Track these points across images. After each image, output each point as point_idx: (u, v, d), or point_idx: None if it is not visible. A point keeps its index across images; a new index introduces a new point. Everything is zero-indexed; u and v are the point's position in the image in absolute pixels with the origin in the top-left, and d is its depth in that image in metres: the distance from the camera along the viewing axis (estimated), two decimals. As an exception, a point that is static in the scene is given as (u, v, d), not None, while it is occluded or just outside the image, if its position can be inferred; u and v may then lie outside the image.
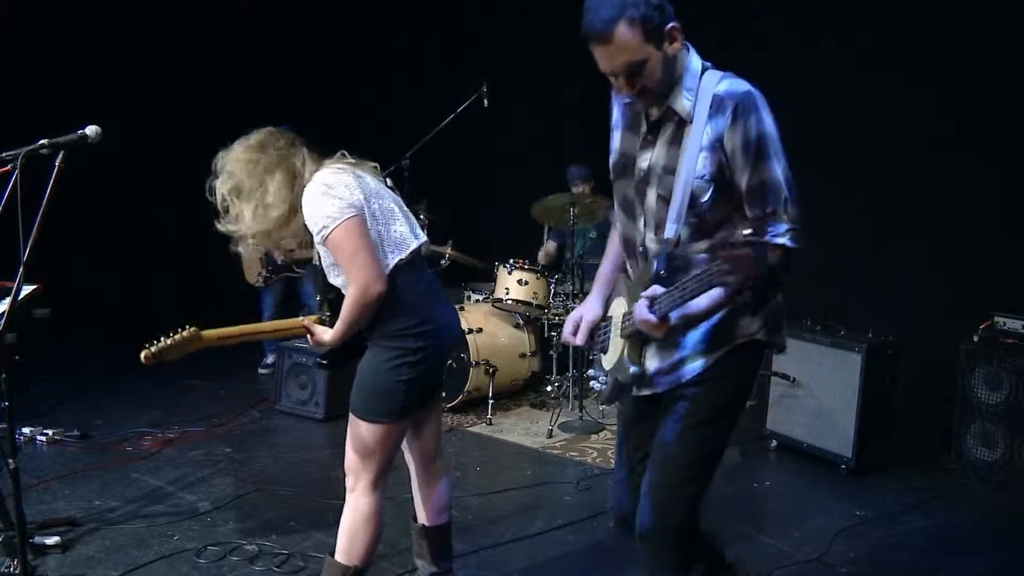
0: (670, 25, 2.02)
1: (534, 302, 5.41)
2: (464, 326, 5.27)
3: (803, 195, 2.09)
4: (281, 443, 4.78)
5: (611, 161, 2.36)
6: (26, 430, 4.67)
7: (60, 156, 2.66)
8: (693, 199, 2.07)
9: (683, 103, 2.08)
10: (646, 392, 2.27)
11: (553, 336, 5.60)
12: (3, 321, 2.64)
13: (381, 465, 2.63)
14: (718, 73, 2.11)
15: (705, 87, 2.07)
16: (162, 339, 2.37)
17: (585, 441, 4.87)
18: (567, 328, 2.41)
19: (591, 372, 5.54)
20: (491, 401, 5.25)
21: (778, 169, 2.05)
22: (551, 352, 5.64)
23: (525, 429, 5.10)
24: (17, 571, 2.63)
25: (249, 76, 7.52)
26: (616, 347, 2.26)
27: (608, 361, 2.32)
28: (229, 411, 5.27)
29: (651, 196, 2.17)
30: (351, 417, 2.63)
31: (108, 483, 4.11)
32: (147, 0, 6.80)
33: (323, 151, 2.68)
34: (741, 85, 2.08)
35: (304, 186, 2.56)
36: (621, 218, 2.33)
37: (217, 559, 3.31)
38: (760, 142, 2.03)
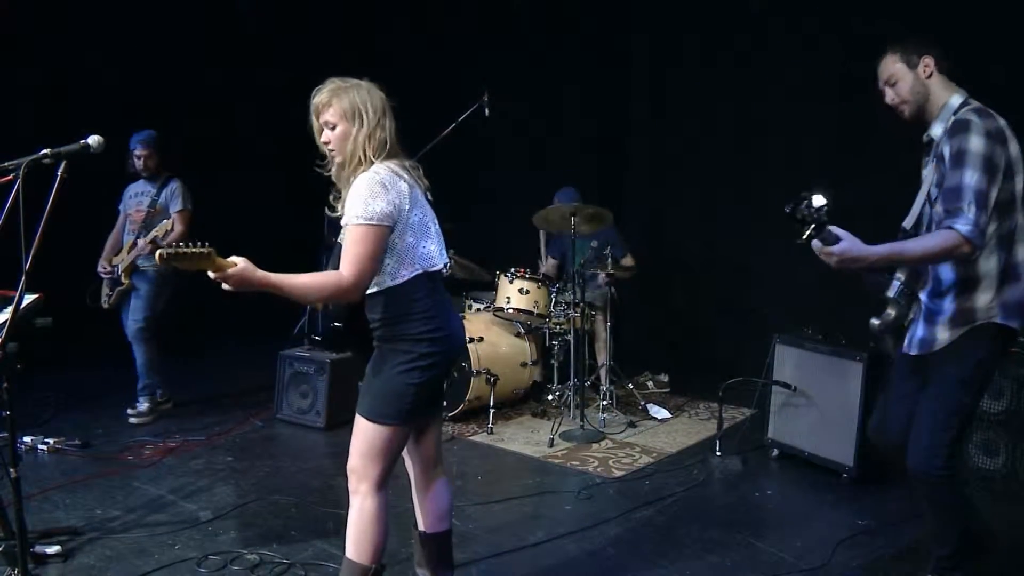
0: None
1: (535, 311, 5.42)
2: (465, 335, 5.28)
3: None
4: (282, 452, 4.78)
5: None
6: (27, 439, 4.67)
7: (62, 166, 2.67)
8: None
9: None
10: (914, 352, 2.88)
11: (554, 345, 5.60)
12: (5, 330, 2.65)
13: (385, 467, 2.66)
14: None
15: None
16: (181, 246, 2.37)
17: (586, 450, 4.86)
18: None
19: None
20: (492, 410, 5.24)
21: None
22: (552, 361, 5.64)
23: (526, 438, 5.10)
24: (18, 580, 2.62)
25: (249, 81, 7.54)
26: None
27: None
28: (230, 420, 5.28)
29: None
30: (358, 419, 2.65)
31: (109, 492, 4.11)
32: (146, 8, 6.82)
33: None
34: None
35: (371, 160, 2.64)
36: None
37: (218, 568, 3.31)
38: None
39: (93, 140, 2.94)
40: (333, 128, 2.64)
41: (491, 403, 5.25)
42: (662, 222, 6.90)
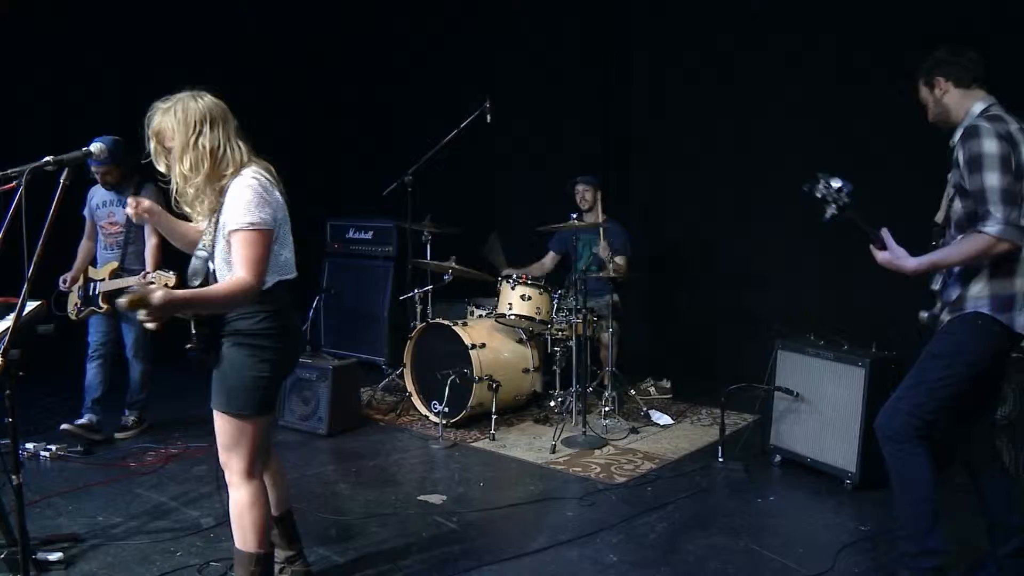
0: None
1: (537, 317, 5.42)
2: (467, 341, 5.28)
3: (807, 209, 2.12)
4: (284, 458, 4.75)
5: None
6: (30, 445, 4.68)
7: (65, 173, 2.67)
8: None
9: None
10: None
11: (556, 351, 5.60)
12: (7, 337, 2.65)
13: (250, 457, 2.80)
14: None
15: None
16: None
17: (588, 456, 4.86)
18: None
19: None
20: (494, 416, 5.24)
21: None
22: (554, 367, 5.64)
23: (528, 444, 5.09)
24: (20, 587, 2.62)
25: (249, 90, 7.55)
26: None
27: None
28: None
29: None
30: (215, 412, 2.79)
31: (111, 499, 4.11)
32: (147, 8, 6.84)
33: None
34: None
35: (237, 166, 2.76)
36: None
37: (220, 575, 3.30)
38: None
39: (96, 147, 2.95)
40: (171, 149, 2.75)
41: (493, 409, 5.25)
42: (663, 227, 6.90)
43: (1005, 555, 3.11)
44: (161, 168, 2.79)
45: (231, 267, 2.71)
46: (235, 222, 2.66)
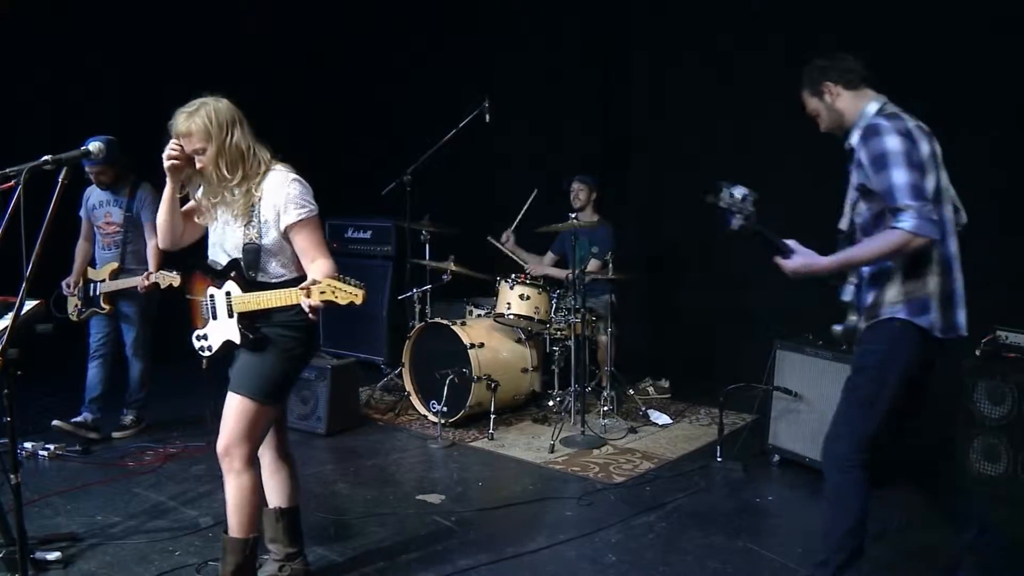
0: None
1: (536, 317, 5.42)
2: (466, 341, 5.28)
3: (804, 209, 2.13)
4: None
5: None
6: (28, 445, 4.68)
7: (63, 172, 2.68)
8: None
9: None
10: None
11: (555, 351, 5.60)
12: (6, 336, 2.65)
13: (256, 443, 2.93)
14: None
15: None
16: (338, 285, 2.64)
17: (587, 456, 4.86)
18: None
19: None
20: (493, 416, 5.24)
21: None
22: (553, 367, 5.64)
23: (527, 444, 5.09)
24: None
25: (249, 90, 7.54)
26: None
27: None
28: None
29: None
30: (237, 398, 2.85)
31: (110, 498, 4.12)
32: (146, 8, 6.84)
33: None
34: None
35: (267, 165, 2.91)
36: None
37: (218, 575, 3.30)
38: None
39: (94, 146, 2.96)
40: (203, 152, 2.83)
41: (492, 409, 5.25)
42: (662, 227, 6.90)
43: (971, 541, 3.05)
44: (187, 174, 2.92)
45: (286, 259, 2.91)
46: (297, 214, 2.84)
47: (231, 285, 2.92)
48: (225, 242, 2.96)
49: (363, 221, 7.11)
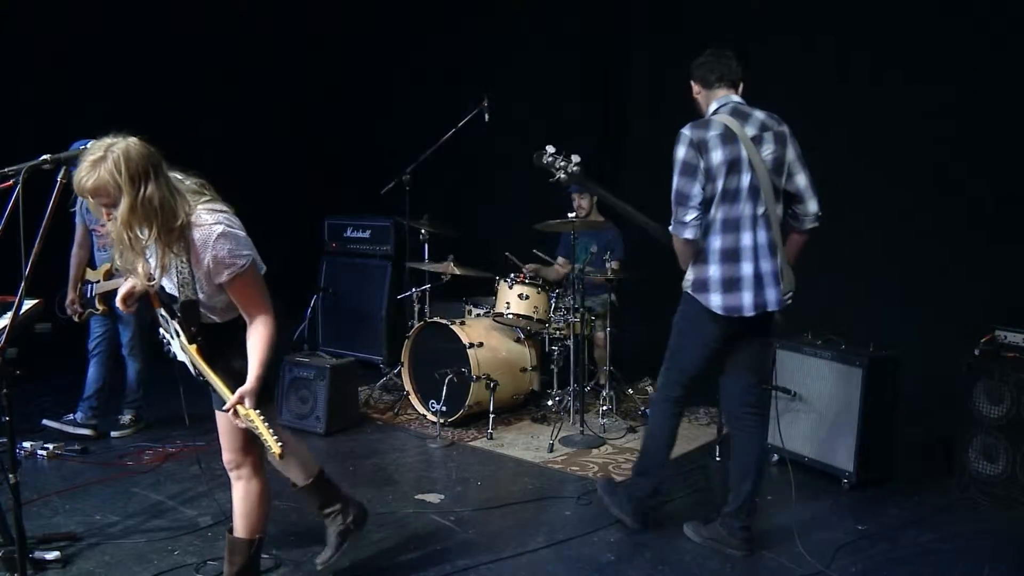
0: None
1: (535, 316, 5.42)
2: (465, 340, 5.29)
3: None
4: (282, 457, 4.77)
5: None
6: (27, 444, 4.67)
7: (62, 172, 2.68)
8: None
9: None
10: None
11: (554, 350, 5.60)
12: (4, 336, 2.65)
13: (260, 448, 2.89)
14: None
15: None
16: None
17: (586, 455, 4.86)
18: None
19: None
20: (492, 415, 5.24)
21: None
22: (552, 366, 5.64)
23: (526, 443, 5.09)
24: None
25: (249, 90, 7.55)
26: None
27: None
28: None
29: None
30: (227, 415, 2.77)
31: (108, 497, 4.11)
32: (146, 8, 6.85)
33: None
34: None
35: (184, 217, 2.53)
36: None
37: (217, 574, 3.30)
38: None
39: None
40: (114, 205, 2.44)
41: (491, 408, 5.25)
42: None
43: (728, 513, 3.55)
44: (106, 225, 2.53)
45: (223, 309, 2.77)
46: (229, 273, 2.58)
47: (179, 326, 2.77)
48: (165, 282, 2.74)
49: (362, 220, 7.10)
